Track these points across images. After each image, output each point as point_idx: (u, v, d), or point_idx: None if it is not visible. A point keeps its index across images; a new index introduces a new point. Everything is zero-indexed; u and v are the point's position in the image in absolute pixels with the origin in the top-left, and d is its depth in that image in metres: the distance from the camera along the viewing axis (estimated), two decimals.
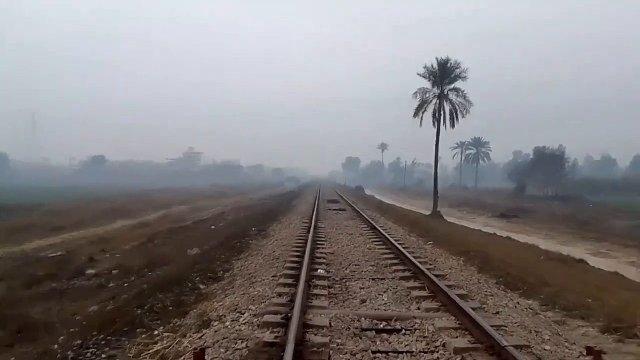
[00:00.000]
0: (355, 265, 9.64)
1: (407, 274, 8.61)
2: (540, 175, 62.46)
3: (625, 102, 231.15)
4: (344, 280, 8.14)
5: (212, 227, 21.40)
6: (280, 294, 6.93)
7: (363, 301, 6.79)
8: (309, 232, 13.93)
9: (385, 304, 6.66)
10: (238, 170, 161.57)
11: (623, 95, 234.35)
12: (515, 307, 6.81)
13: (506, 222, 36.07)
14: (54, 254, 16.05)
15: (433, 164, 38.90)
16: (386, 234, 13.89)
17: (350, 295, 7.15)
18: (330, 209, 26.61)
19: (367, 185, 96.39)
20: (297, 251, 10.89)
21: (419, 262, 9.20)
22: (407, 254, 10.08)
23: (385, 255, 10.68)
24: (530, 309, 6.90)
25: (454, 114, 35.49)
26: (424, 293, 7.13)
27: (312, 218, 18.57)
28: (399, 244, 11.94)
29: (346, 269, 9.27)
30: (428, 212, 33.25)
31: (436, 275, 7.97)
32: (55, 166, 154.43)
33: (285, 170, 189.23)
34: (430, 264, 9.75)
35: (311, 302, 6.47)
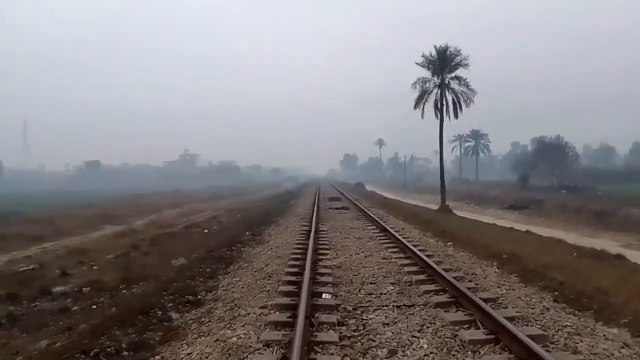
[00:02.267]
0: (371, 283, 7.49)
1: (443, 297, 6.40)
2: (542, 166, 61.07)
3: (619, 94, 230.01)
4: (358, 311, 5.97)
5: (206, 230, 19.71)
6: (268, 344, 4.77)
7: (393, 352, 4.56)
8: (308, 238, 11.85)
9: (426, 357, 4.45)
10: (235, 171, 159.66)
11: (618, 87, 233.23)
12: (619, 350, 4.66)
13: (518, 214, 34.40)
14: (25, 268, 14.22)
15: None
16: (400, 237, 11.81)
17: (372, 339, 4.92)
18: (332, 208, 24.67)
19: (367, 182, 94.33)
20: (294, 265, 8.80)
21: (454, 277, 7.11)
22: (433, 265, 8.00)
23: (407, 268, 8.52)
24: (627, 346, 4.79)
25: (457, 103, 33.29)
26: (480, 335, 4.88)
27: (312, 220, 16.52)
28: (418, 249, 9.87)
29: (359, 290, 7.08)
30: (435, 207, 31.24)
31: (485, 300, 5.83)
32: (50, 172, 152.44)
33: (284, 170, 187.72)
34: (469, 280, 7.59)
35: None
